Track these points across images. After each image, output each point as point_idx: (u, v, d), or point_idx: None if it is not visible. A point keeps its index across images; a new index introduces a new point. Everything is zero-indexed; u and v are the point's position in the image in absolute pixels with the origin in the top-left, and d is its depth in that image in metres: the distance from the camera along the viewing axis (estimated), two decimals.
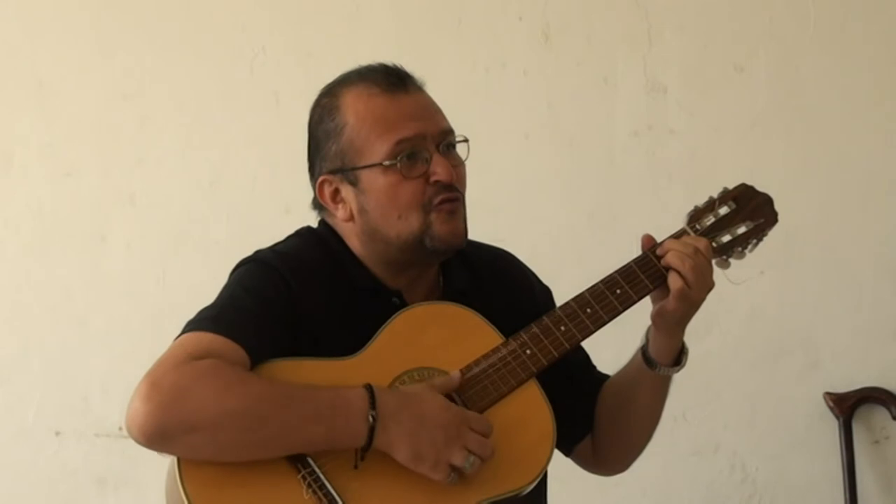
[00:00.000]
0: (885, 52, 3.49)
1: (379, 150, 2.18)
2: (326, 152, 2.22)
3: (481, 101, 3.47)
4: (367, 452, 2.06)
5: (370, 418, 2.05)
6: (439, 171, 2.18)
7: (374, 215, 2.21)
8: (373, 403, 2.05)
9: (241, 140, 3.54)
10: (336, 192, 2.23)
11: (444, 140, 2.21)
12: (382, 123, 2.18)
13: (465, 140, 2.24)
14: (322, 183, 2.23)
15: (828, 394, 3.45)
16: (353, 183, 2.21)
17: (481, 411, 2.15)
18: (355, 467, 2.07)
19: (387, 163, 2.17)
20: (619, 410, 2.34)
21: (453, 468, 2.07)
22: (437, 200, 2.19)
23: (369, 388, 2.07)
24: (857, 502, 3.41)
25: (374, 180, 2.19)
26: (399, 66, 2.23)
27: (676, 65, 3.51)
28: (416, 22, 3.53)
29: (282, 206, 3.40)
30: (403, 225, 2.19)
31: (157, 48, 3.54)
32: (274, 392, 2.05)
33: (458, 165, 2.23)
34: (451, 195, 2.20)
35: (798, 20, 3.49)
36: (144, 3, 3.56)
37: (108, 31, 3.55)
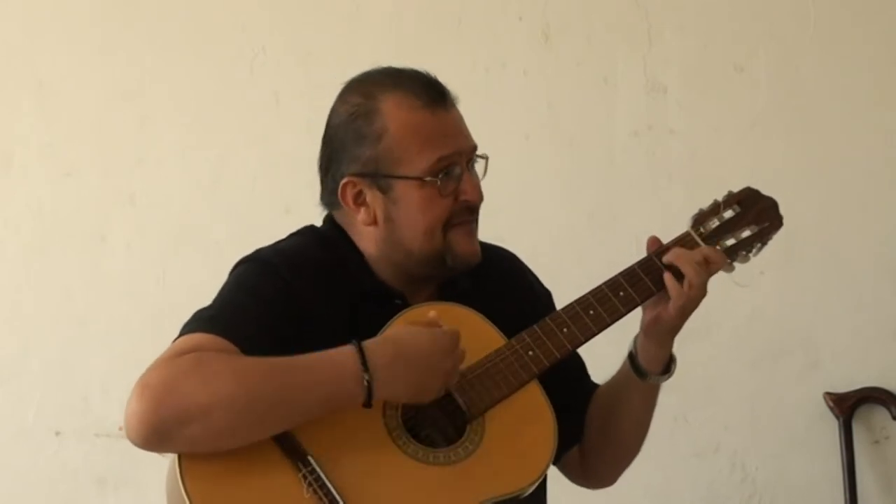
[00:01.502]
0: (885, 52, 3.49)
1: (419, 164, 2.18)
2: (357, 154, 2.21)
3: (481, 101, 3.45)
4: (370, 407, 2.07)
5: (364, 381, 2.05)
6: (469, 190, 2.21)
7: (401, 225, 2.21)
8: (364, 365, 2.05)
9: (241, 140, 3.54)
10: (360, 194, 2.23)
11: (473, 158, 2.23)
12: (425, 138, 2.18)
13: (486, 158, 2.25)
14: (346, 184, 2.22)
15: (828, 394, 3.45)
16: (384, 191, 2.21)
17: (483, 412, 2.15)
18: (349, 425, 2.08)
19: (428, 178, 2.18)
20: (608, 420, 2.34)
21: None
22: (458, 220, 2.21)
23: (358, 348, 2.07)
24: (857, 502, 3.41)
25: (408, 192, 2.20)
26: (434, 76, 2.24)
27: (676, 65, 3.51)
28: (416, 22, 3.53)
29: (282, 206, 3.40)
30: (427, 240, 2.20)
31: (157, 48, 3.54)
32: (261, 367, 2.05)
33: (478, 182, 2.25)
34: (473, 217, 2.23)
35: (798, 20, 3.49)
36: (144, 4, 3.55)
37: (108, 30, 3.55)
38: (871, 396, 3.45)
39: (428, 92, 2.20)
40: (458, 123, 2.23)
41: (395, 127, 2.19)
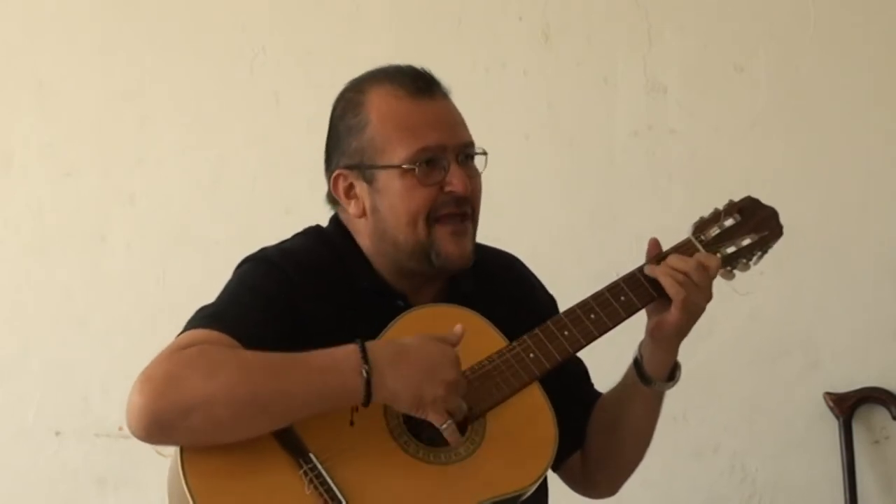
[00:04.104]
0: (885, 52, 3.49)
1: (399, 153, 2.18)
2: (346, 147, 2.23)
3: (481, 101, 3.46)
4: (368, 406, 2.07)
5: (364, 373, 2.05)
6: (455, 182, 2.19)
7: (385, 216, 2.22)
8: (365, 358, 2.05)
9: (241, 140, 3.54)
10: (350, 187, 2.24)
11: (464, 152, 2.22)
12: (406, 127, 2.19)
13: (484, 153, 2.24)
14: (337, 177, 2.25)
15: (828, 394, 3.45)
16: (369, 181, 2.22)
17: (484, 412, 2.16)
18: (351, 424, 2.09)
19: (406, 166, 2.18)
20: (611, 427, 2.33)
21: (450, 413, 2.08)
22: (444, 212, 2.20)
23: (360, 343, 2.07)
24: (857, 502, 3.41)
25: (390, 182, 2.20)
26: (427, 70, 2.24)
27: (676, 65, 3.51)
28: (416, 22, 3.53)
29: (282, 207, 3.41)
30: (410, 231, 2.20)
31: (157, 48, 3.54)
32: (263, 361, 2.05)
33: (473, 177, 2.24)
34: (461, 210, 2.21)
35: (798, 20, 3.50)
36: (144, 4, 3.56)
37: (108, 30, 3.55)
38: (871, 396, 3.45)
39: (414, 82, 2.21)
40: (446, 115, 2.22)
41: (376, 117, 2.20)
